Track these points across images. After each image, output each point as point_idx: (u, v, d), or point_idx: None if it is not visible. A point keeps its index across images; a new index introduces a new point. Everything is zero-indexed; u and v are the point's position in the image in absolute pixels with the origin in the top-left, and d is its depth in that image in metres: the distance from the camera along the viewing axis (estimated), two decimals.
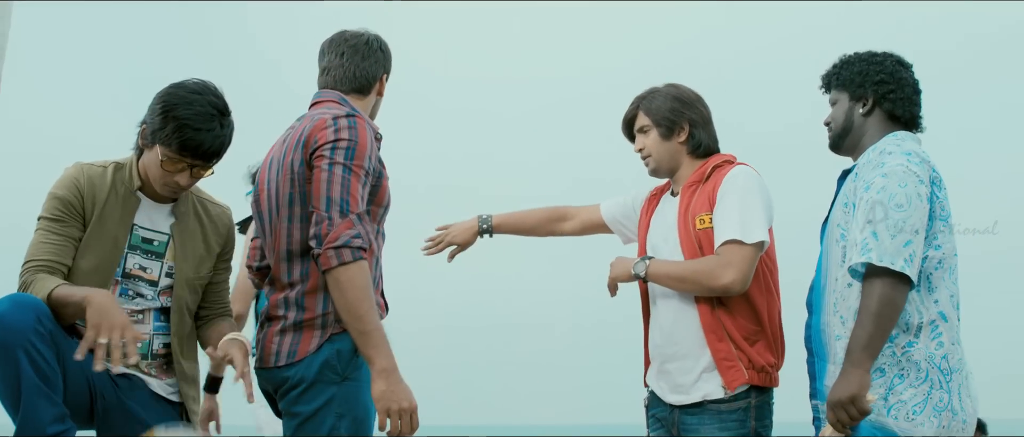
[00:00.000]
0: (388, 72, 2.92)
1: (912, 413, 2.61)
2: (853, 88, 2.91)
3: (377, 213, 2.71)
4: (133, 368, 2.77)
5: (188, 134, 2.66)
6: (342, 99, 2.79)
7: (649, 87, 3.23)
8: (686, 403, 2.98)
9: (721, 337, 2.94)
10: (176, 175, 2.73)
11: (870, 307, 2.57)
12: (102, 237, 2.73)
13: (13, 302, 2.49)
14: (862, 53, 2.95)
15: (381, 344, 2.49)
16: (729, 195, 2.96)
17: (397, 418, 2.48)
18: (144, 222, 2.81)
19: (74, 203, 2.72)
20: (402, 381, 2.50)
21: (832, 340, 2.77)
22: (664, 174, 3.20)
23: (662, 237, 3.11)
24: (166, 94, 2.70)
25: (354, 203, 2.55)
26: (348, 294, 2.50)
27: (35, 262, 2.66)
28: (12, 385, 2.44)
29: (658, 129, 3.14)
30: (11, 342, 2.42)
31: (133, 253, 2.79)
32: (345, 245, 2.50)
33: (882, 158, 2.72)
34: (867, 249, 2.59)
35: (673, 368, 3.02)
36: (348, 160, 2.58)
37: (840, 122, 2.92)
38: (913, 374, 2.63)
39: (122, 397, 2.72)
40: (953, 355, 2.65)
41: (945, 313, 2.67)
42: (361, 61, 2.84)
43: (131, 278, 2.78)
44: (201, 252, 2.90)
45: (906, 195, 2.61)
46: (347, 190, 2.56)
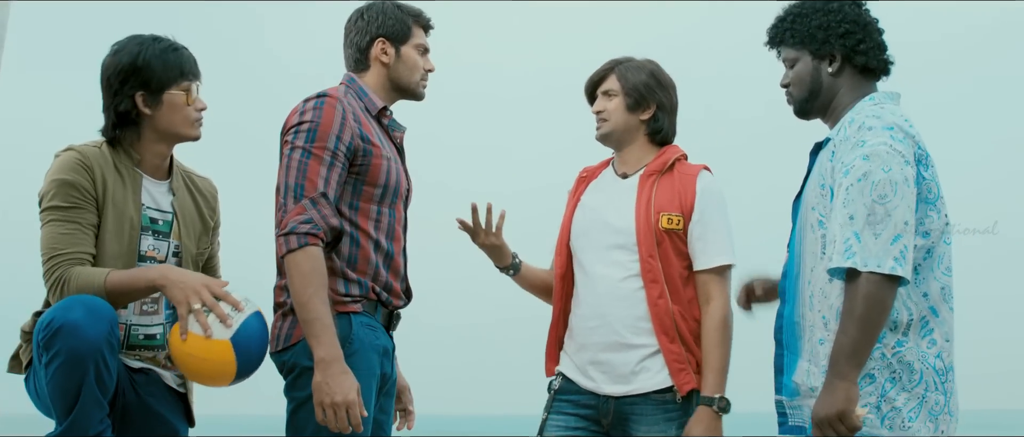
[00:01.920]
0: (386, 34, 2.84)
1: (907, 421, 2.39)
2: (815, 45, 2.60)
3: (372, 193, 2.70)
4: (150, 361, 2.74)
5: (178, 56, 2.70)
6: (350, 79, 2.83)
7: (627, 54, 3.13)
8: (630, 394, 2.88)
9: (673, 339, 2.87)
10: (195, 100, 2.74)
11: (854, 310, 2.30)
12: (119, 220, 2.65)
13: (87, 310, 2.41)
14: (811, 3, 2.63)
15: (321, 334, 2.48)
16: (714, 211, 2.94)
17: (331, 411, 2.46)
18: (149, 201, 2.74)
19: (86, 187, 2.59)
20: (341, 373, 2.48)
21: (813, 340, 2.51)
22: (611, 144, 3.08)
23: (598, 221, 2.99)
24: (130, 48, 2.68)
25: (310, 187, 2.56)
26: (293, 281, 2.52)
27: (63, 255, 2.54)
28: (72, 393, 2.40)
29: (626, 98, 3.02)
30: (84, 354, 2.37)
31: (145, 234, 2.71)
32: (291, 232, 2.53)
33: (861, 134, 2.42)
34: (850, 252, 2.33)
35: (613, 358, 2.90)
36: (308, 143, 2.59)
37: (806, 84, 2.63)
38: (906, 377, 2.40)
39: (141, 393, 2.69)
40: (946, 353, 2.43)
41: (936, 307, 2.44)
42: (353, 37, 2.88)
43: (146, 260, 2.71)
44: (199, 227, 2.87)
45: (891, 181, 2.34)
46: (303, 175, 2.57)
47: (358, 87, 2.82)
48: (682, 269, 2.92)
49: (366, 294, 2.68)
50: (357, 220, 2.68)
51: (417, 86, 2.88)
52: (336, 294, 2.63)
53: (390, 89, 2.87)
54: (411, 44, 2.86)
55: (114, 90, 2.66)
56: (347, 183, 2.67)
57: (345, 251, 2.67)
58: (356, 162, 2.66)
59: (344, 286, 2.65)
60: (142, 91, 2.66)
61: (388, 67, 2.84)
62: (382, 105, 2.82)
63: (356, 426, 2.49)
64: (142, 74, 2.64)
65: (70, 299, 2.46)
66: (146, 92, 2.66)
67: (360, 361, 2.61)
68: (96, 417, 2.43)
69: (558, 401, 2.98)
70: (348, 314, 2.64)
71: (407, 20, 2.86)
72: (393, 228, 2.76)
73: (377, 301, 2.72)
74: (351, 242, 2.67)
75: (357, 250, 2.68)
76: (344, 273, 2.66)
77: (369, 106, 2.79)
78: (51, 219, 2.57)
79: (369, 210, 2.69)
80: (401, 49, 2.85)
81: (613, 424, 2.91)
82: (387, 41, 2.83)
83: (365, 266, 2.69)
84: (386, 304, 2.75)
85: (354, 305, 2.66)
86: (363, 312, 2.68)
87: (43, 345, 2.40)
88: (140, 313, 2.71)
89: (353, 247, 2.68)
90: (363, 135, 2.67)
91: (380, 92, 2.84)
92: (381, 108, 2.81)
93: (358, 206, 2.69)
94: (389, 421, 2.88)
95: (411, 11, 2.88)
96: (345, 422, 2.47)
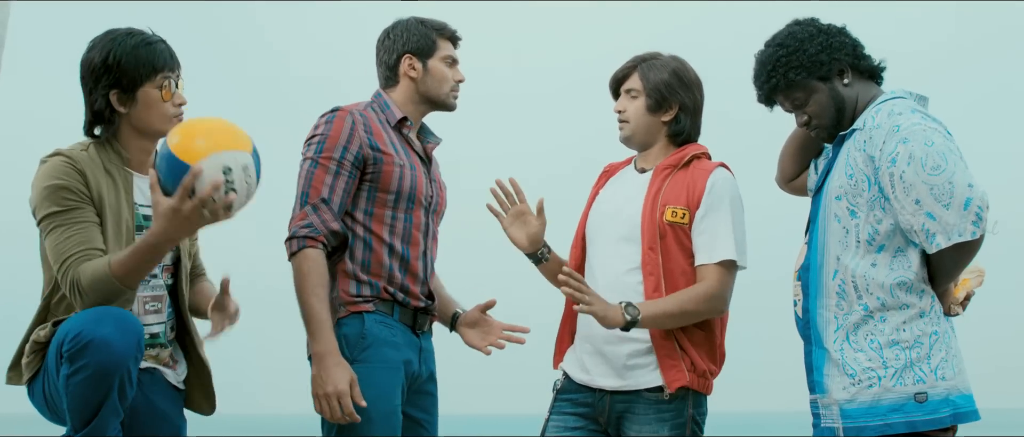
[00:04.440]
0: (412, 50, 2.93)
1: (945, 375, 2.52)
2: (823, 69, 2.63)
3: (385, 199, 2.81)
4: (153, 360, 2.72)
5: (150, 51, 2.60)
6: (377, 94, 2.97)
7: (653, 50, 3.05)
8: (622, 389, 2.84)
9: (666, 334, 2.82)
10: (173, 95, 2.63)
11: (951, 274, 2.54)
12: (117, 222, 2.59)
13: (118, 325, 2.37)
14: (790, 38, 2.66)
15: (317, 331, 2.64)
16: (722, 206, 2.85)
17: (325, 402, 2.61)
18: (140, 199, 2.67)
19: (81, 189, 2.52)
20: (335, 366, 2.62)
21: (847, 326, 2.58)
22: (634, 146, 3.03)
23: (611, 213, 2.95)
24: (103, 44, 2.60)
25: (313, 193, 2.74)
26: (294, 281, 2.70)
27: (71, 257, 2.45)
28: (93, 405, 2.37)
29: (647, 99, 2.96)
30: (111, 369, 2.34)
31: (139, 233, 2.63)
32: (292, 236, 2.73)
33: (893, 120, 2.52)
34: (932, 236, 2.45)
35: (611, 351, 2.86)
36: (316, 154, 2.77)
37: (831, 107, 2.66)
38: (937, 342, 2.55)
39: (147, 392, 2.68)
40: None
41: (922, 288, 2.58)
42: (382, 57, 3.00)
43: None
44: None
45: (938, 153, 2.44)
46: (309, 183, 2.75)
47: (383, 101, 2.94)
48: (685, 265, 2.86)
49: (378, 295, 2.78)
50: (371, 225, 2.80)
51: (447, 97, 2.98)
52: (347, 295, 2.77)
53: (420, 102, 2.96)
54: (438, 57, 2.95)
55: (89, 88, 2.61)
56: (362, 190, 2.81)
57: (358, 255, 2.79)
58: (367, 170, 2.79)
59: (355, 287, 2.78)
60: (115, 89, 2.59)
61: (416, 81, 2.94)
62: (401, 116, 2.90)
63: (349, 415, 2.60)
64: (114, 72, 2.57)
65: (99, 311, 2.40)
66: (120, 90, 2.59)
67: (374, 355, 2.73)
68: (113, 425, 2.42)
69: (559, 401, 2.96)
70: (361, 313, 2.76)
71: (431, 34, 2.95)
72: (409, 232, 2.84)
73: (393, 301, 2.80)
74: (364, 246, 2.80)
75: (370, 254, 2.79)
76: (356, 275, 2.78)
77: (389, 118, 2.90)
78: (52, 227, 2.50)
79: (384, 215, 2.81)
80: (428, 63, 2.94)
81: (609, 422, 2.88)
82: (414, 57, 2.94)
83: (378, 269, 2.79)
84: (404, 304, 2.82)
85: (366, 305, 2.77)
86: (377, 311, 2.77)
87: (68, 357, 2.35)
88: (144, 312, 2.69)
89: (366, 251, 2.80)
90: (373, 144, 2.80)
91: (407, 106, 2.95)
92: (400, 119, 2.90)
93: (372, 212, 2.81)
94: (431, 421, 2.93)
95: (435, 25, 2.97)
96: (338, 411, 2.60)
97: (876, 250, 2.57)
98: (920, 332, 2.53)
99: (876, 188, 2.54)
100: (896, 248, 2.56)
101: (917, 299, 2.55)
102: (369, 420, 2.65)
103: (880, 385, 2.52)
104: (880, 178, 2.52)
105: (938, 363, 2.51)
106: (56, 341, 2.43)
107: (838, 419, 2.57)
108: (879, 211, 2.55)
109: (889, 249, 2.56)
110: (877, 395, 2.52)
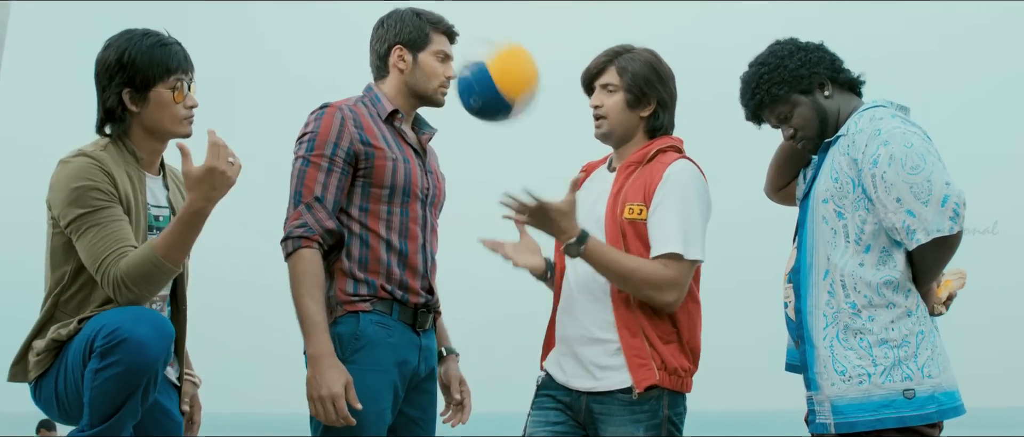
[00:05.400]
0: (403, 41, 2.86)
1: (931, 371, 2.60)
2: (804, 83, 2.73)
3: (379, 194, 2.76)
4: None
5: (165, 52, 2.62)
6: (367, 87, 2.91)
7: (624, 43, 2.96)
8: (596, 390, 2.80)
9: (635, 333, 2.76)
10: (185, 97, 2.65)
11: (933, 271, 2.63)
12: (137, 221, 2.61)
13: (155, 328, 2.39)
14: (771, 57, 2.77)
15: (310, 332, 2.61)
16: (671, 196, 2.77)
17: (319, 404, 2.58)
18: (151, 198, 2.71)
19: (110, 188, 2.53)
20: (330, 369, 2.59)
21: (838, 326, 2.65)
22: (613, 143, 2.95)
23: (584, 215, 2.85)
24: (119, 44, 2.62)
25: (306, 192, 2.71)
26: (290, 283, 2.67)
27: (109, 255, 2.46)
28: (117, 402, 2.38)
29: (626, 95, 2.88)
30: (143, 370, 2.36)
31: (150, 234, 2.66)
32: (287, 237, 2.71)
33: (875, 124, 2.63)
34: (911, 231, 2.55)
35: (584, 352, 2.82)
36: (307, 152, 2.73)
37: (814, 119, 2.74)
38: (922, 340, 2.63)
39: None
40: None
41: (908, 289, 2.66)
42: (374, 45, 2.94)
43: None
44: None
45: (917, 154, 2.54)
46: (301, 181, 2.72)
47: (373, 95, 2.88)
48: None
49: (375, 293, 2.74)
50: (367, 222, 2.76)
51: (435, 93, 2.89)
52: (345, 294, 2.73)
53: (408, 95, 2.89)
54: (429, 51, 2.87)
55: (103, 86, 2.63)
56: (355, 186, 2.75)
57: (355, 252, 2.75)
58: (360, 165, 2.75)
59: (353, 286, 2.73)
60: (128, 88, 2.61)
61: (404, 74, 2.87)
62: (392, 109, 2.84)
63: (344, 418, 2.57)
64: (128, 70, 2.59)
65: (137, 311, 2.43)
66: (132, 89, 2.61)
67: (366, 357, 2.68)
68: (129, 425, 2.44)
69: (540, 396, 2.94)
70: (357, 313, 2.71)
71: (425, 27, 2.87)
72: (406, 227, 2.80)
73: (392, 299, 2.76)
74: (361, 243, 2.75)
75: (367, 251, 2.75)
76: (353, 274, 2.73)
77: (380, 111, 2.84)
78: (86, 227, 2.49)
79: (379, 211, 2.76)
80: (418, 56, 2.86)
81: (587, 423, 2.84)
82: (404, 48, 2.86)
83: (376, 266, 2.75)
84: (403, 302, 2.78)
85: (362, 304, 2.73)
86: (374, 311, 2.73)
87: (100, 351, 2.35)
88: None
89: (363, 248, 2.75)
90: (364, 139, 2.74)
91: (397, 98, 2.88)
92: (391, 111, 2.84)
93: (367, 208, 2.76)
94: (428, 419, 2.91)
95: (431, 18, 2.89)
96: (332, 414, 2.56)
97: (864, 250, 2.65)
98: (908, 331, 2.62)
99: (860, 189, 2.63)
100: (882, 248, 2.64)
101: (904, 298, 2.64)
102: (355, 422, 2.61)
103: (870, 382, 2.60)
104: (863, 180, 2.61)
105: (925, 361, 2.61)
106: (85, 336, 2.44)
107: (830, 415, 2.65)
108: (863, 212, 2.64)
109: (875, 249, 2.65)
110: (867, 392, 2.60)
